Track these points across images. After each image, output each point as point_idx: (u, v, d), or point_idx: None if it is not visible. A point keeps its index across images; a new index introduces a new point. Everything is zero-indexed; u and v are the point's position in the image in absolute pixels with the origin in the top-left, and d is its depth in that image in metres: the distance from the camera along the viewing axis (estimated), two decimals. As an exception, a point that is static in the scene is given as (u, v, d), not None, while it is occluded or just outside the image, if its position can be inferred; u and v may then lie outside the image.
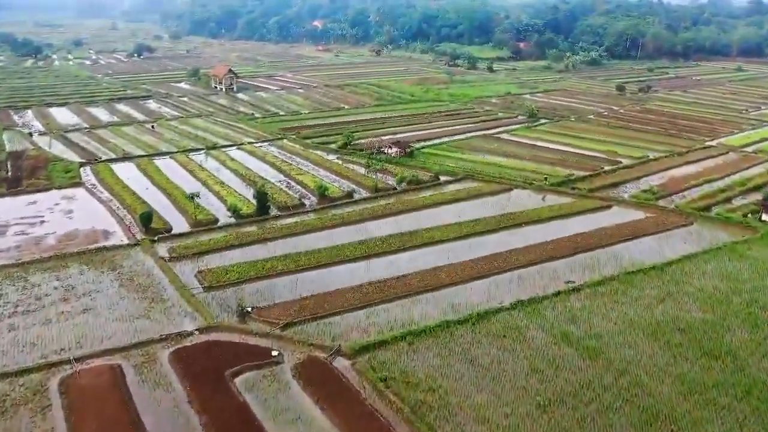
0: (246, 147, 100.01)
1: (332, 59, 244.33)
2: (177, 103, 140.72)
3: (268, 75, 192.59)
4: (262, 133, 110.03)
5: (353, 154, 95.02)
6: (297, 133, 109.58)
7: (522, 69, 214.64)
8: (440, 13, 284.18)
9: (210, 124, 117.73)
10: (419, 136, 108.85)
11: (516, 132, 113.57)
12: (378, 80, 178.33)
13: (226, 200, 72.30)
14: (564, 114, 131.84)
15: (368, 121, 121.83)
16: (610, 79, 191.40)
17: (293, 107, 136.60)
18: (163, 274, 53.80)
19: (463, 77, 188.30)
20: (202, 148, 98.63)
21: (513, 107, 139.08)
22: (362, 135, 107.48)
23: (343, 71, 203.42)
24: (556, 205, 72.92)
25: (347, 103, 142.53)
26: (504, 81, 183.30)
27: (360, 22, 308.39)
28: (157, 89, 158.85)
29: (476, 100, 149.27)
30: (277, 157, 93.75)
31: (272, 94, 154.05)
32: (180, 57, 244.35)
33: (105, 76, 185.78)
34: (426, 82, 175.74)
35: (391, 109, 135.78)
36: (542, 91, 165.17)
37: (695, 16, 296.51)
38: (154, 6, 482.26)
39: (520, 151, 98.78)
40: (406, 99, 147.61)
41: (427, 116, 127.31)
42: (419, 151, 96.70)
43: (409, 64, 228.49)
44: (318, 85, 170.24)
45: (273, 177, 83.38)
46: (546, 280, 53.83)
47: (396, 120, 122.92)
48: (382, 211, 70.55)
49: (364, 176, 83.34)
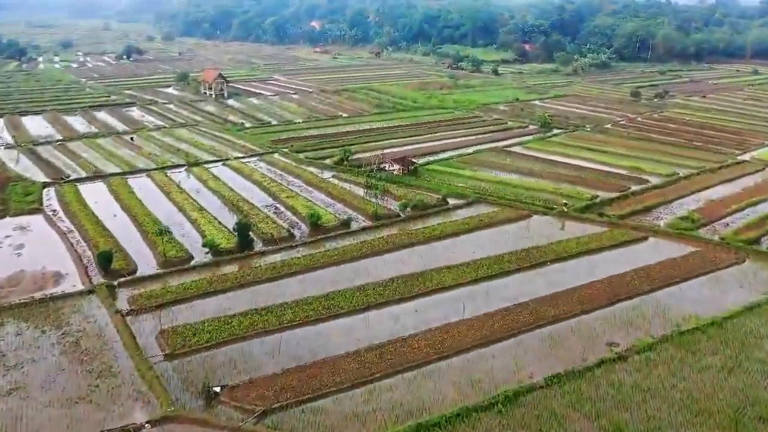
0: (232, 163, 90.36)
1: (330, 61, 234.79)
2: (162, 110, 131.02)
3: (262, 79, 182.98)
4: (251, 146, 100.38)
5: (350, 172, 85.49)
6: (289, 146, 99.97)
7: (528, 72, 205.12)
8: (442, 14, 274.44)
9: (195, 136, 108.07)
10: (423, 149, 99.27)
11: (529, 144, 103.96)
12: (378, 84, 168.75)
13: (204, 231, 62.76)
14: (578, 123, 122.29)
15: (367, 131, 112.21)
16: (622, 83, 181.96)
17: (287, 115, 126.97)
18: (118, 334, 44.14)
19: (468, 81, 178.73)
20: (184, 165, 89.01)
21: (523, 115, 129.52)
22: (361, 148, 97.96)
23: (341, 75, 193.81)
24: (584, 237, 63.31)
25: (345, 110, 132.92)
26: (511, 85, 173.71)
27: (359, 22, 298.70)
28: (142, 95, 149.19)
29: (483, 107, 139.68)
30: (266, 175, 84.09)
31: (265, 101, 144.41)
32: (171, 59, 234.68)
33: (90, 80, 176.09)
34: (428, 86, 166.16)
35: (391, 117, 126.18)
36: (552, 96, 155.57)
37: (706, 16, 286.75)
38: (149, 6, 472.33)
39: (535, 167, 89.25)
40: (408, 106, 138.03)
41: (431, 126, 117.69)
42: (424, 168, 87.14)
43: (410, 66, 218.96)
44: (314, 90, 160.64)
45: (260, 200, 73.77)
46: (583, 342, 44.22)
47: (397, 130, 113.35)
48: (383, 245, 60.90)
49: (362, 199, 73.78)
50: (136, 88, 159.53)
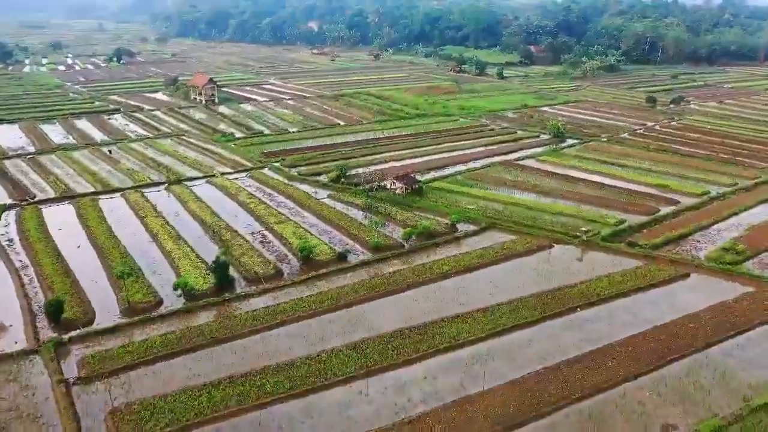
0: (217, 180, 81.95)
1: (328, 64, 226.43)
2: (147, 118, 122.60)
3: (256, 83, 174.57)
4: (239, 160, 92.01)
5: (348, 191, 77.17)
6: (281, 160, 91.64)
7: (535, 75, 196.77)
8: (444, 14, 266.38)
9: (180, 148, 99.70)
10: (428, 163, 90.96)
11: (542, 157, 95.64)
12: (378, 89, 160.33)
13: (178, 266, 54.48)
14: (593, 132, 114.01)
15: (367, 142, 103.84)
16: (634, 88, 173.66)
17: (280, 124, 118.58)
18: (58, 414, 35.85)
19: (472, 85, 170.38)
20: (164, 183, 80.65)
21: (533, 123, 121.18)
22: (360, 161, 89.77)
23: (339, 78, 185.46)
24: (617, 274, 54.90)
25: (343, 118, 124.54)
26: (517, 90, 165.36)
27: (358, 23, 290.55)
28: (128, 101, 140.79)
29: (490, 114, 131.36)
30: (254, 195, 75.68)
31: (258, 107, 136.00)
32: (163, 62, 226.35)
33: (75, 84, 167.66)
34: (431, 91, 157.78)
35: (393, 126, 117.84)
36: (563, 102, 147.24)
37: (715, 17, 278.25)
38: (145, 6, 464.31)
39: (551, 184, 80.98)
40: (410, 113, 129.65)
41: (435, 136, 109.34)
42: (428, 186, 78.81)
43: (411, 69, 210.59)
44: (311, 95, 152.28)
45: (245, 226, 65.46)
46: (633, 426, 35.89)
47: (399, 141, 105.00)
48: (384, 286, 52.48)
49: (361, 225, 65.44)
50: (123, 94, 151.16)
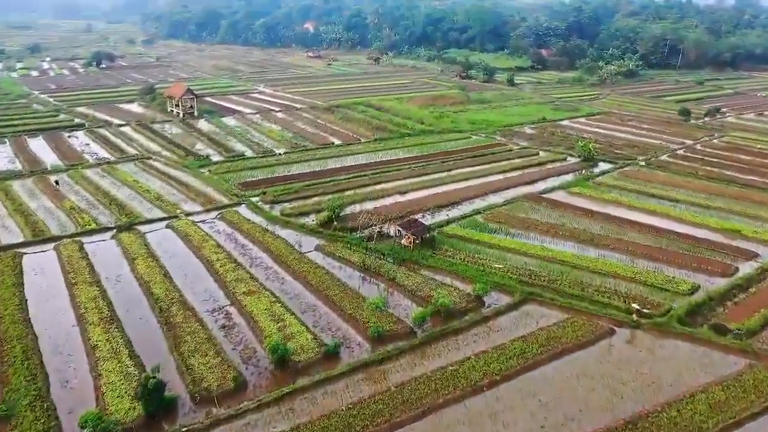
0: (180, 224, 66.15)
1: (324, 69, 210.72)
2: (114, 136, 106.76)
3: (244, 91, 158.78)
4: (212, 194, 76.24)
5: (341, 240, 61.59)
6: (262, 193, 75.99)
7: (548, 82, 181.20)
8: (447, 15, 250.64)
9: (143, 176, 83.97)
10: (438, 197, 75.30)
11: (575, 188, 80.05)
12: (378, 98, 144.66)
13: (100, 374, 38.91)
14: (626, 153, 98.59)
15: (365, 167, 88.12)
16: (659, 96, 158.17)
17: (266, 143, 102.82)
18: None
19: (481, 94, 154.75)
20: (113, 228, 64.97)
21: (555, 141, 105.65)
22: (356, 196, 74.32)
23: (335, 85, 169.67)
24: (715, 388, 39.13)
25: (338, 135, 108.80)
26: (531, 99, 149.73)
27: (356, 24, 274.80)
28: (96, 113, 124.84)
29: (504, 129, 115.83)
30: (222, 248, 59.91)
31: (243, 121, 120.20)
32: (147, 66, 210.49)
33: (44, 92, 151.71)
34: (437, 101, 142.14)
35: (395, 145, 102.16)
36: (585, 114, 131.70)
37: (735, 18, 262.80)
38: (138, 6, 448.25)
39: (593, 227, 65.52)
40: (415, 128, 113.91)
41: (445, 159, 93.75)
42: (442, 233, 63.26)
43: (414, 74, 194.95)
44: (303, 106, 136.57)
45: (204, 300, 49.80)
46: None
47: (403, 166, 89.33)
48: (388, 410, 36.69)
49: (357, 298, 49.79)
50: (93, 104, 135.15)
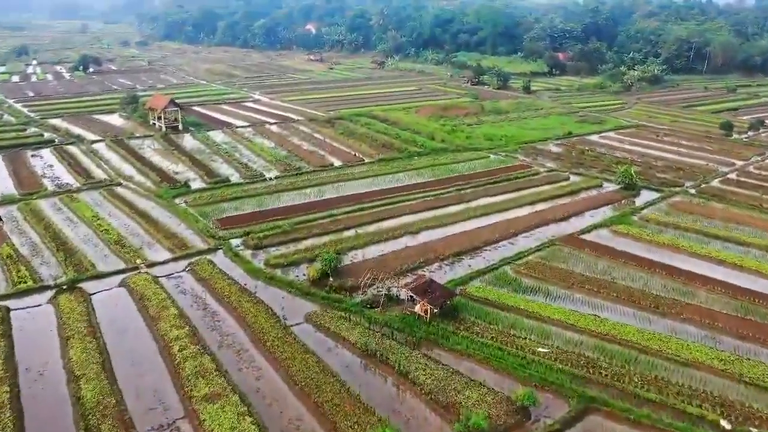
0: (138, 281, 53.10)
1: (325, 73, 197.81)
2: (84, 155, 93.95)
3: (237, 99, 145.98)
4: (183, 234, 63.30)
5: (338, 307, 48.62)
6: (245, 234, 63.08)
7: (567, 89, 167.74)
8: (456, 16, 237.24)
9: (107, 208, 71.03)
10: (457, 240, 62.27)
11: (619, 227, 66.84)
12: (383, 108, 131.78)
13: None
14: (670, 177, 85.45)
15: (368, 197, 75.00)
16: (691, 106, 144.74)
17: (256, 164, 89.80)
18: None
19: (496, 103, 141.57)
20: (53, 287, 52.04)
21: (587, 162, 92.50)
22: (357, 239, 61.33)
23: (336, 92, 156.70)
24: None
25: (338, 154, 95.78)
26: (551, 109, 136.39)
27: (360, 26, 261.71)
28: (71, 127, 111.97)
29: (526, 146, 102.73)
30: (185, 318, 46.87)
31: (232, 136, 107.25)
32: (137, 71, 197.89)
33: (19, 101, 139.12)
34: (448, 112, 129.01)
35: (403, 167, 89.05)
36: (613, 128, 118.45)
37: (760, 19, 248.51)
38: (136, 6, 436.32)
39: (653, 285, 52.65)
40: (425, 145, 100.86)
41: (461, 185, 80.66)
42: (466, 295, 50.24)
43: (421, 80, 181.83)
44: (301, 117, 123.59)
45: (149, 411, 36.82)
46: None
47: (413, 195, 76.21)
48: None
49: (357, 405, 36.78)
50: (69, 116, 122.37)
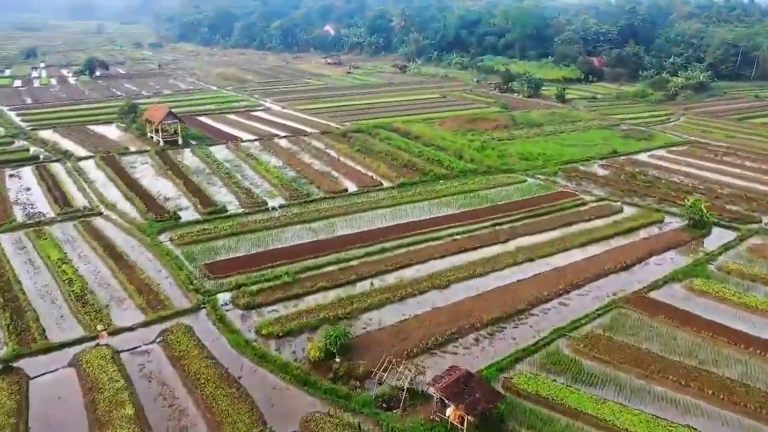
0: (93, 359, 41.76)
1: (343, 78, 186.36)
2: (68, 173, 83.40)
3: (248, 107, 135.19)
4: (162, 287, 51.99)
5: (343, 406, 36.88)
6: (236, 288, 51.59)
7: (605, 98, 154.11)
8: (483, 17, 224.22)
9: (78, 247, 60.05)
10: (496, 297, 50.20)
11: (695, 282, 54.10)
12: (404, 119, 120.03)
13: None
14: (743, 210, 72.27)
15: (387, 235, 63.00)
16: (745, 118, 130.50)
17: (259, 189, 78.42)
18: None
19: (527, 114, 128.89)
20: (-15, 365, 41.15)
21: (640, 189, 79.59)
22: (370, 297, 49.55)
23: (354, 100, 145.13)
24: None
25: (352, 176, 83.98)
26: (590, 121, 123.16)
27: (380, 27, 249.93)
28: (62, 140, 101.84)
29: (566, 166, 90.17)
30: (144, 417, 35.50)
31: (236, 153, 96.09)
32: (145, 75, 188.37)
33: (13, 109, 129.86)
34: (476, 124, 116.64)
35: (427, 195, 76.90)
36: (663, 145, 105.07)
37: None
38: (150, 6, 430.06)
39: (756, 376, 39.94)
40: (452, 166, 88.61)
41: (495, 219, 68.39)
42: (511, 387, 38.20)
43: (446, 86, 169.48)
44: (314, 130, 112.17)
45: None
46: None
47: (440, 234, 64.02)
48: None
49: None
50: (63, 126, 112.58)
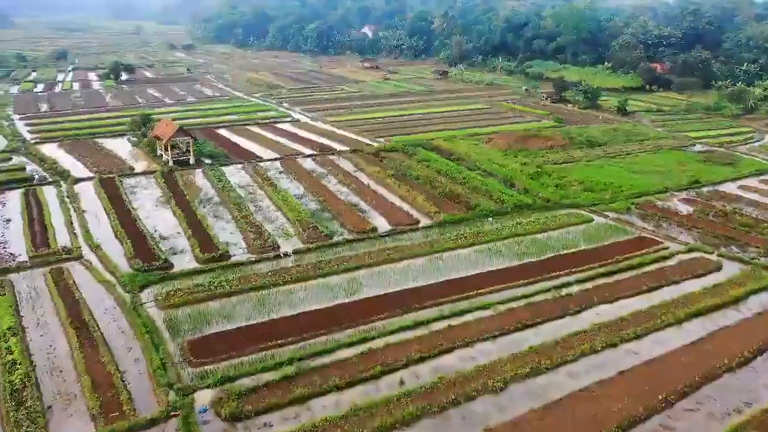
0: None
1: (379, 84, 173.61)
2: (60, 202, 72.37)
3: (273, 119, 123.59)
4: (126, 379, 39.71)
5: None
6: (221, 383, 39.02)
7: (671, 109, 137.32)
8: (531, 20, 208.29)
9: (38, 312, 48.23)
10: (571, 414, 36.20)
11: None
12: (446, 134, 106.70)
13: None
14: None
15: (421, 297, 49.42)
16: None
17: (273, 225, 65.81)
18: None
19: (585, 129, 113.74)
20: None
21: (737, 234, 64.06)
22: (403, 411, 36.14)
23: (390, 111, 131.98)
24: None
25: (384, 209, 70.61)
26: (661, 140, 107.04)
27: (421, 29, 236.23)
28: (63, 156, 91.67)
29: (638, 198, 75.13)
30: None
31: (253, 176, 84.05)
32: (172, 79, 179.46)
33: (25, 117, 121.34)
34: (528, 143, 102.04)
35: (473, 236, 62.87)
36: (755, 172, 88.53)
37: None
38: (189, 7, 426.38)
39: None
40: (503, 198, 74.43)
41: (560, 276, 54.30)
42: None
43: (491, 95, 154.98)
44: (344, 147, 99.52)
45: None
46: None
47: (489, 293, 50.31)
48: None
49: None
50: (71, 138, 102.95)
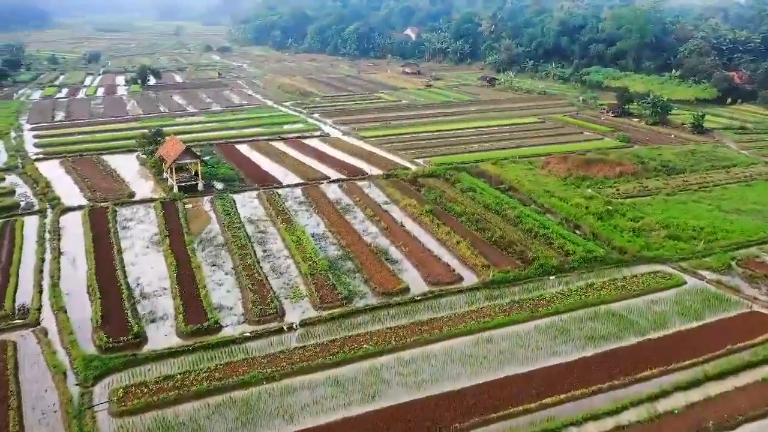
0: None
1: (420, 92, 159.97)
2: (38, 238, 62.01)
3: (300, 132, 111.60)
4: None
5: None
6: None
7: (755, 126, 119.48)
8: (589, 22, 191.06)
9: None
10: None
11: None
12: (494, 155, 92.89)
13: None
14: None
15: (465, 408, 36.01)
16: None
17: (280, 280, 53.33)
18: None
19: (657, 151, 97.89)
20: None
21: None
22: None
23: (430, 126, 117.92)
24: None
25: (419, 258, 57.18)
26: (753, 168, 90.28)
27: (467, 32, 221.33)
28: (60, 178, 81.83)
29: (735, 250, 59.76)
30: None
31: (267, 208, 71.76)
32: (200, 85, 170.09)
33: (37, 127, 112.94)
34: (592, 169, 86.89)
35: (532, 305, 48.92)
36: None
37: None
38: (229, 7, 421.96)
39: None
40: (568, 248, 60.10)
41: (652, 376, 40.00)
42: None
43: (545, 106, 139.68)
44: (375, 170, 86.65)
45: None
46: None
47: (560, 416, 36.42)
48: None
49: None
50: (76, 154, 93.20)
